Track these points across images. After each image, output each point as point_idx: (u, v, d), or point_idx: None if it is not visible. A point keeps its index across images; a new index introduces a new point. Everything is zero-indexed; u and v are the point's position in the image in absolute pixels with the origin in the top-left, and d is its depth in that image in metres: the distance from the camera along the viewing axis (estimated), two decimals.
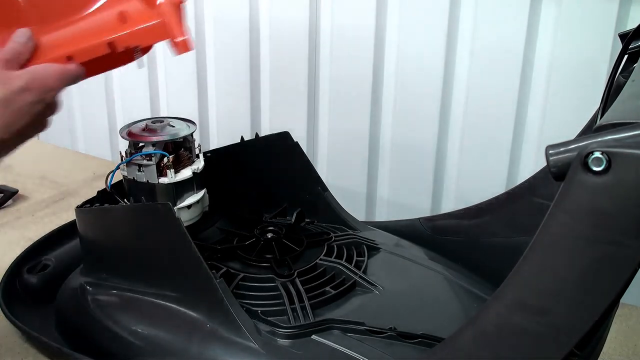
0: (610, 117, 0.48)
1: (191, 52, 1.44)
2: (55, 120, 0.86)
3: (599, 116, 0.62)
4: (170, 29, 0.70)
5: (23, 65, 0.67)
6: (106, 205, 0.83)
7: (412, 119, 1.32)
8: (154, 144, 0.84)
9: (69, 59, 0.68)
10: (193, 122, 0.89)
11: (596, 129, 0.46)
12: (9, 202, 1.35)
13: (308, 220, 0.95)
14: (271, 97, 1.44)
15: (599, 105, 0.70)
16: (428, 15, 1.24)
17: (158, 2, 0.71)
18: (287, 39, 1.38)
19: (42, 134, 1.91)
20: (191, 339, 0.71)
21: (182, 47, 0.71)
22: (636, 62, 0.69)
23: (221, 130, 1.51)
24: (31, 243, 1.00)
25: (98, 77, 1.64)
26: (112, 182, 0.86)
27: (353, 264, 0.82)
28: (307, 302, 0.74)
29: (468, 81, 1.25)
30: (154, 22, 0.70)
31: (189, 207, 0.85)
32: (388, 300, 0.77)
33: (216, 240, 0.88)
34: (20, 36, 0.67)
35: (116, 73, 1.56)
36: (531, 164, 1.25)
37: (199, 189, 0.88)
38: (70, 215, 0.83)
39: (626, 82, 0.63)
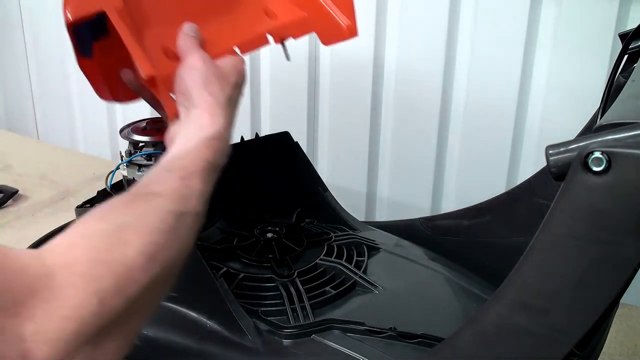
0: (610, 117, 0.48)
1: None
2: (55, 120, 0.86)
3: (599, 116, 0.62)
4: (324, 18, 0.75)
5: None
6: None
7: (412, 120, 1.32)
8: (154, 144, 0.84)
9: (234, 51, 0.70)
10: None
11: (596, 129, 0.46)
12: (9, 202, 1.35)
13: (308, 220, 0.95)
14: (271, 97, 1.44)
15: (599, 105, 0.70)
16: (428, 13, 1.24)
17: None
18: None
19: (42, 134, 1.92)
20: (191, 339, 0.71)
21: (347, 33, 0.77)
22: (636, 62, 0.69)
23: None
24: (31, 243, 1.00)
25: None
26: (112, 182, 0.86)
27: (353, 264, 0.81)
28: (307, 302, 0.74)
29: (468, 81, 1.25)
30: (303, 15, 0.76)
31: None
32: (388, 300, 0.77)
33: (216, 240, 0.88)
34: (190, 29, 0.66)
35: None
36: (531, 164, 1.25)
37: None
38: (70, 215, 0.83)
39: (626, 82, 0.64)
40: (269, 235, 0.87)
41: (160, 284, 0.45)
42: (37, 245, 0.99)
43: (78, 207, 0.84)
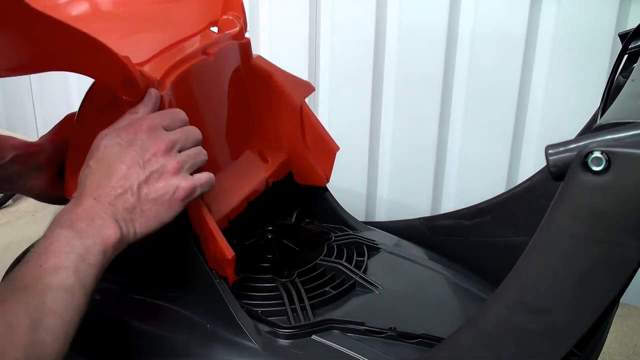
0: (609, 116, 0.48)
1: None
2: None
3: (599, 116, 0.62)
4: (305, 164, 0.91)
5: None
6: None
7: (412, 120, 1.32)
8: None
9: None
10: None
11: (596, 129, 0.46)
12: (9, 202, 1.35)
13: (308, 220, 0.95)
14: None
15: (599, 105, 0.70)
16: (428, 13, 1.24)
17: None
18: (287, 38, 1.38)
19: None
20: (191, 339, 0.71)
21: (321, 180, 0.92)
22: (636, 61, 0.69)
23: None
24: (31, 243, 0.99)
25: None
26: None
27: (353, 264, 0.81)
28: (307, 302, 0.74)
29: (468, 81, 1.25)
30: (286, 157, 0.90)
31: None
32: (388, 300, 0.77)
33: None
34: None
35: None
36: (531, 164, 1.25)
37: None
38: None
39: (626, 81, 0.63)
40: (269, 235, 0.87)
41: None
42: None
43: None
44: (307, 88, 0.93)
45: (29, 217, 1.28)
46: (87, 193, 0.61)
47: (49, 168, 0.79)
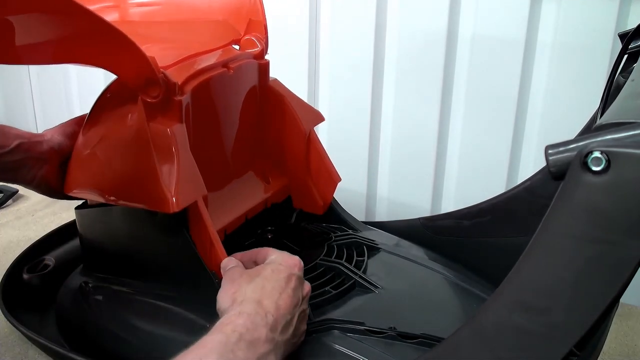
0: (609, 116, 0.48)
1: None
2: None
3: (599, 116, 0.62)
4: (306, 191, 0.92)
5: None
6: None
7: (413, 119, 1.32)
8: None
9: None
10: None
11: (595, 129, 0.46)
12: (9, 202, 1.35)
13: (308, 220, 0.95)
14: None
15: (598, 105, 0.70)
16: (427, 13, 1.24)
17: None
18: (286, 35, 1.38)
19: None
20: (191, 339, 0.71)
21: (320, 209, 0.93)
22: (636, 61, 0.70)
23: None
24: (31, 243, 1.00)
25: (99, 78, 1.65)
26: None
27: (353, 264, 0.81)
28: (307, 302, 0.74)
29: (468, 81, 1.25)
30: (287, 182, 0.93)
31: None
32: (388, 300, 0.77)
33: None
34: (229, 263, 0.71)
35: None
36: (531, 164, 1.25)
37: None
38: (70, 215, 0.83)
39: (626, 81, 0.64)
40: (269, 235, 0.87)
41: None
42: (37, 245, 0.99)
43: (78, 207, 0.84)
44: (318, 117, 0.95)
45: (29, 217, 1.28)
46: (261, 316, 0.62)
47: (52, 160, 0.80)
